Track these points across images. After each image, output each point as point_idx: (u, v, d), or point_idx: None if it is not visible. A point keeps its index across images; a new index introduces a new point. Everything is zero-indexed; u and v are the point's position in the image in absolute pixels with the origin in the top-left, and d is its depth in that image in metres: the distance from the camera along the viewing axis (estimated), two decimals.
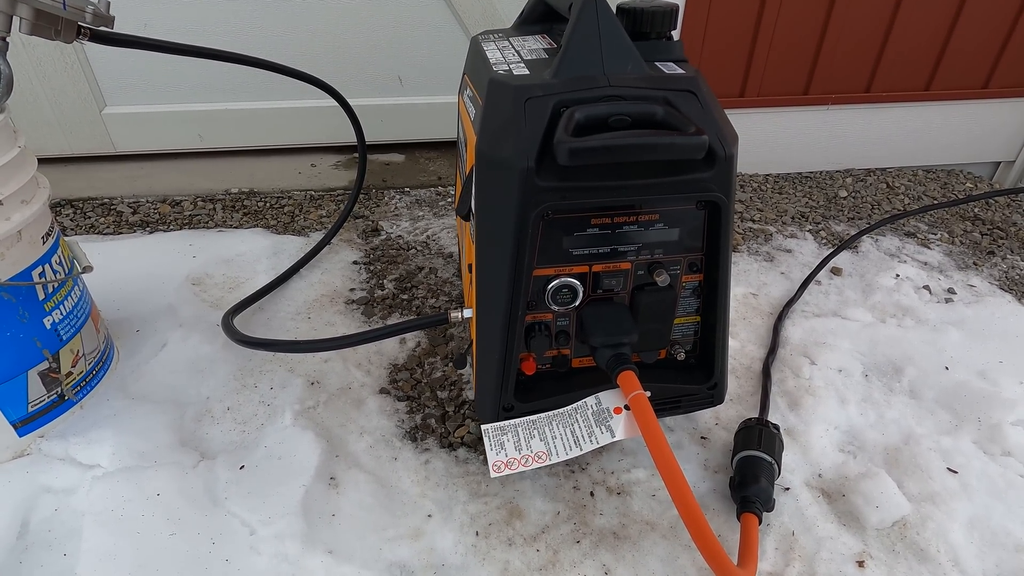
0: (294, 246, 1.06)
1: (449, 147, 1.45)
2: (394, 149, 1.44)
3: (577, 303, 0.54)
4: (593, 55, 0.52)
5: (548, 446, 0.51)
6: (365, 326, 0.88)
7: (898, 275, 1.00)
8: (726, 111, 0.54)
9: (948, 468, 0.67)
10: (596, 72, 0.52)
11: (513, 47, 0.65)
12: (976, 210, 1.25)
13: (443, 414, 0.73)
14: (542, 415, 0.54)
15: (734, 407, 0.75)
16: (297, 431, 0.67)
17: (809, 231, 1.15)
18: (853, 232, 1.13)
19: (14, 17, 0.55)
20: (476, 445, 0.68)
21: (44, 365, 0.61)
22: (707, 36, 1.19)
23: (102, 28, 0.62)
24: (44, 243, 0.60)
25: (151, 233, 1.11)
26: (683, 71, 0.54)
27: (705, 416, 0.73)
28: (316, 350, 0.71)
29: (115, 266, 0.95)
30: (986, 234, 1.16)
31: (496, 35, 0.73)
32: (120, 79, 1.26)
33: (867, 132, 1.35)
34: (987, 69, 1.31)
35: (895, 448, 0.70)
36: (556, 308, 0.54)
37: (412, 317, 0.89)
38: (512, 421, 0.53)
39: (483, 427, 0.54)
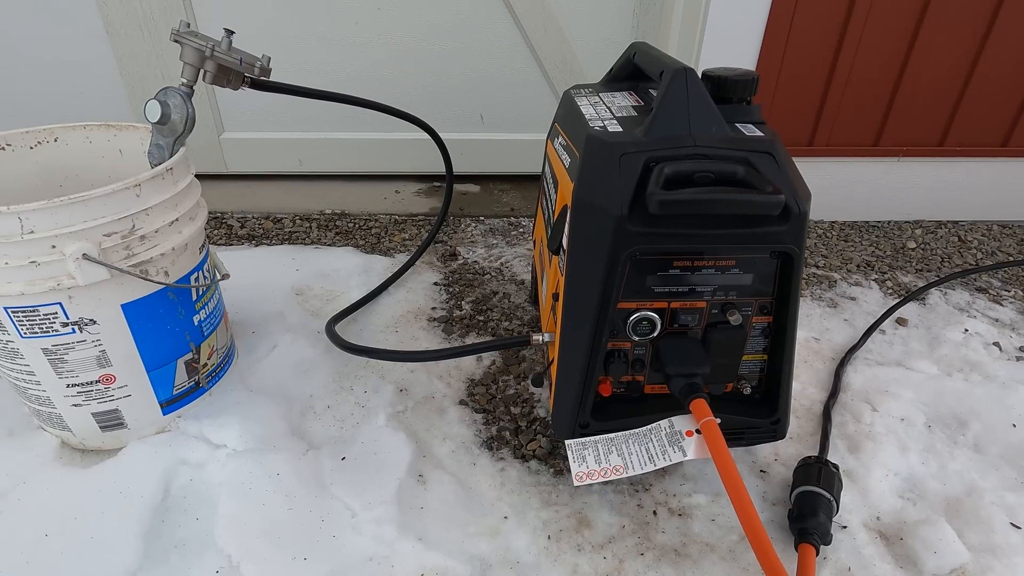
0: (382, 265, 1.17)
1: (520, 180, 1.55)
2: (470, 180, 1.55)
3: (655, 335, 0.60)
4: (681, 117, 0.60)
5: (625, 461, 0.57)
6: (445, 342, 0.97)
7: (967, 329, 1.01)
8: (795, 159, 0.60)
9: (1011, 523, 0.68)
10: (683, 132, 0.59)
11: (604, 103, 0.73)
12: None
13: (516, 428, 0.80)
14: (619, 434, 0.60)
15: (793, 445, 0.78)
16: (390, 431, 0.75)
17: (875, 280, 1.16)
18: (921, 284, 1.14)
19: (201, 71, 0.67)
20: (547, 458, 0.74)
21: (189, 355, 0.72)
22: (779, 85, 1.24)
23: (262, 78, 0.74)
24: (200, 253, 0.72)
25: (257, 246, 1.24)
26: (762, 133, 0.61)
27: (765, 451, 0.76)
28: (409, 360, 0.80)
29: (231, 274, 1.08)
30: None
31: (587, 90, 0.81)
32: (238, 108, 1.43)
33: (939, 184, 1.35)
34: None
35: (956, 499, 0.71)
36: (635, 338, 0.60)
37: (494, 337, 0.97)
38: (592, 438, 0.60)
39: (566, 442, 0.60)
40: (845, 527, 0.67)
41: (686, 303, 0.59)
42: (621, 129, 0.63)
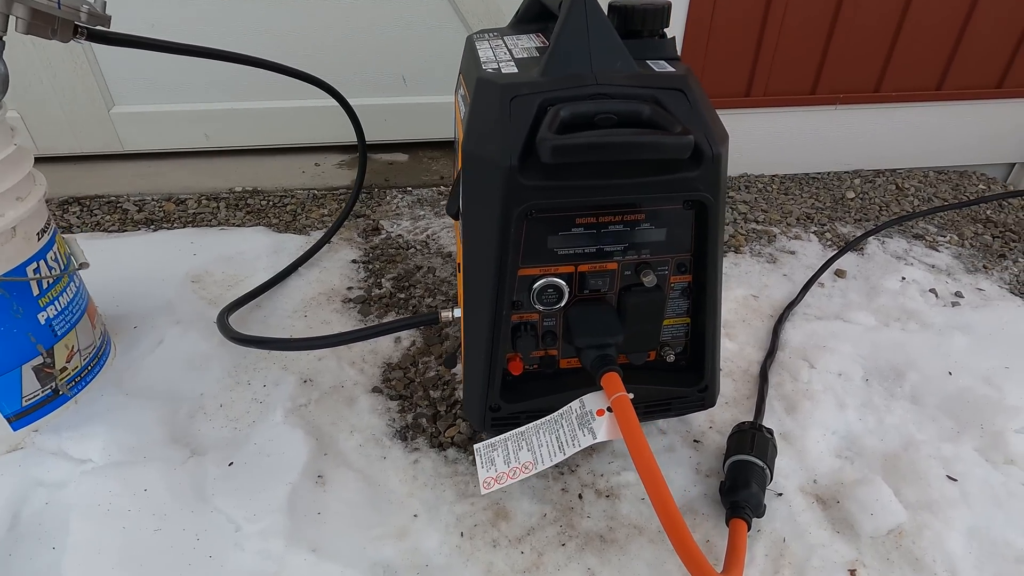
0: (295, 244, 1.06)
1: (452, 146, 1.45)
2: (398, 148, 1.45)
3: (563, 303, 0.54)
4: (581, 53, 0.52)
5: (534, 455, 0.50)
6: (361, 324, 0.88)
7: (904, 278, 0.98)
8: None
9: (948, 476, 0.65)
10: (584, 70, 0.51)
11: (506, 46, 0.65)
12: (988, 212, 1.22)
13: (435, 414, 0.73)
14: (530, 425, 0.53)
15: (729, 410, 0.74)
16: (287, 429, 0.67)
17: (814, 233, 1.13)
18: (860, 234, 1.11)
19: (11, 16, 0.56)
20: (466, 445, 0.68)
21: (38, 360, 0.62)
22: (712, 34, 1.17)
23: (99, 27, 0.62)
24: (40, 239, 0.61)
25: (155, 231, 1.12)
26: (674, 69, 0.54)
27: (699, 419, 0.72)
28: (306, 348, 0.71)
29: (117, 263, 0.96)
30: (998, 237, 1.14)
31: (491, 34, 0.72)
32: (128, 79, 1.27)
33: (876, 132, 1.33)
34: (1002, 68, 1.28)
35: (894, 455, 0.68)
36: (542, 308, 0.53)
37: (404, 316, 0.89)
38: (502, 437, 0.53)
39: (475, 447, 0.53)
40: (780, 494, 0.63)
41: (595, 265, 0.53)
42: (517, 71, 0.54)
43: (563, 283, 0.52)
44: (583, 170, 0.48)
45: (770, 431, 0.64)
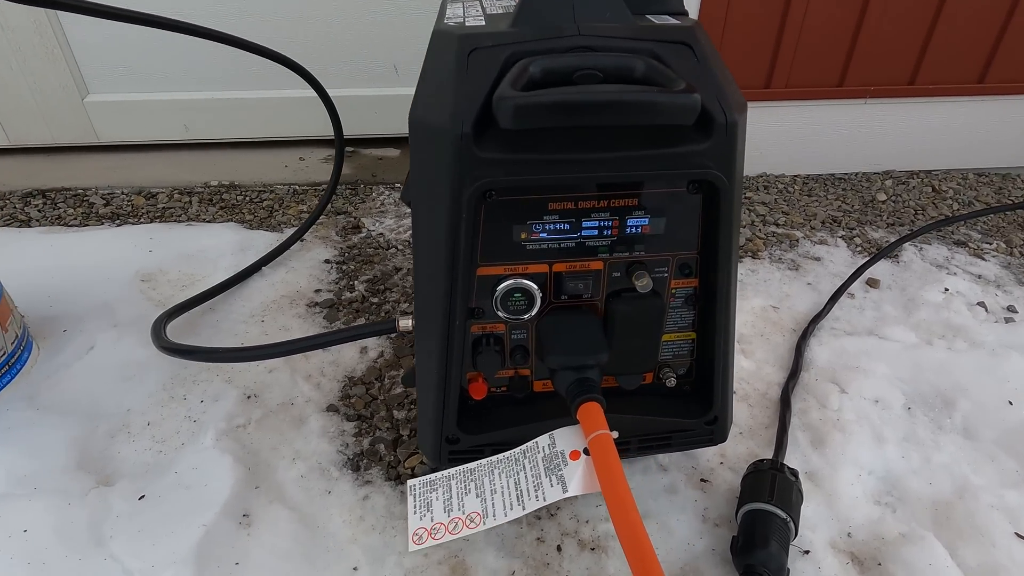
0: (264, 242, 0.97)
1: None
2: (388, 143, 1.35)
3: (535, 311, 0.43)
4: (562, 2, 0.41)
5: (484, 505, 0.39)
6: (326, 331, 0.78)
7: (947, 289, 0.86)
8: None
9: (1016, 533, 0.53)
10: (564, 21, 0.41)
11: (482, 3, 0.55)
12: None
13: (396, 438, 0.62)
14: (484, 461, 0.42)
15: (744, 442, 0.62)
16: (215, 455, 0.57)
17: (842, 237, 1.01)
18: (893, 239, 0.99)
19: None
20: None
21: None
22: (729, 15, 1.06)
23: None
24: None
25: (119, 226, 1.03)
26: (678, 22, 0.43)
27: (708, 452, 0.60)
28: (235, 360, 0.61)
29: (62, 260, 0.87)
30: None
31: None
32: (103, 65, 1.20)
33: (911, 129, 1.21)
34: None
35: (946, 503, 0.56)
36: (507, 317, 0.42)
37: (360, 323, 0.79)
38: (445, 472, 0.42)
39: (408, 483, 0.43)
40: (807, 552, 0.51)
41: (574, 264, 0.42)
42: (484, 24, 0.44)
43: (534, 286, 0.41)
44: (557, 140, 0.37)
45: (794, 472, 0.52)
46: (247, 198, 1.15)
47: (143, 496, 0.53)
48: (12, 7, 1.08)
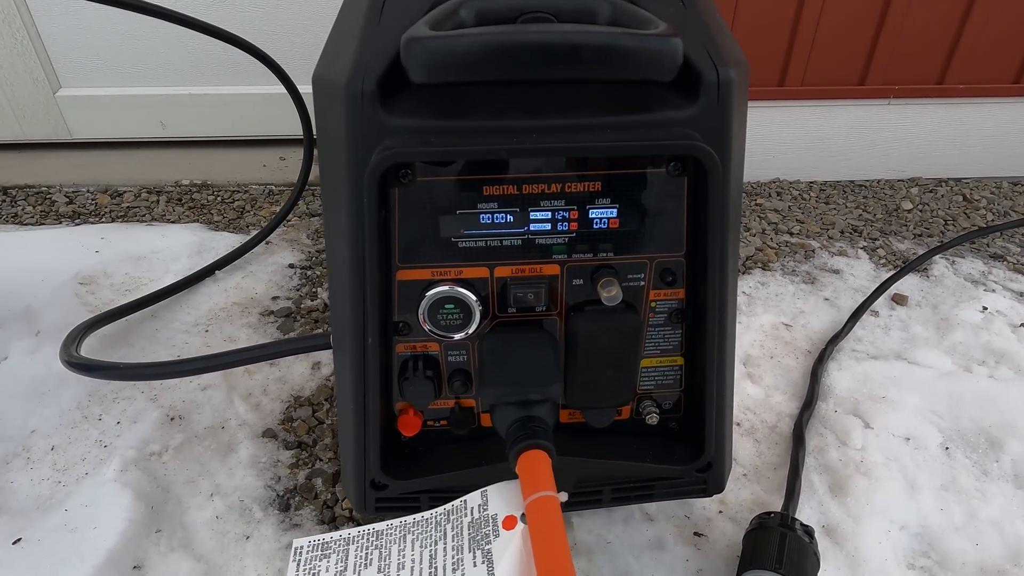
0: (225, 244, 0.89)
1: None
2: None
3: (474, 328, 0.33)
4: None
5: None
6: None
7: (986, 307, 0.76)
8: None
9: None
10: None
11: None
12: None
13: (337, 471, 0.53)
14: (396, 523, 0.33)
15: (748, 486, 0.52)
16: (115, 489, 0.48)
17: (863, 248, 0.91)
18: (921, 251, 0.88)
19: None
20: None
21: None
22: (739, 6, 0.98)
23: None
24: None
25: (78, 225, 0.97)
26: None
27: (704, 499, 0.50)
28: (139, 378, 0.53)
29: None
30: None
31: None
32: (76, 58, 1.15)
33: (939, 133, 1.12)
34: None
35: (997, 570, 0.45)
36: (439, 334, 0.33)
37: (292, 336, 0.70)
38: (341, 535, 0.33)
39: (294, 543, 0.34)
40: None
41: (522, 268, 0.32)
42: None
43: (470, 295, 0.32)
44: (491, 101, 0.28)
45: (808, 531, 0.42)
46: (218, 198, 1.08)
47: (18, 540, 0.44)
48: None
